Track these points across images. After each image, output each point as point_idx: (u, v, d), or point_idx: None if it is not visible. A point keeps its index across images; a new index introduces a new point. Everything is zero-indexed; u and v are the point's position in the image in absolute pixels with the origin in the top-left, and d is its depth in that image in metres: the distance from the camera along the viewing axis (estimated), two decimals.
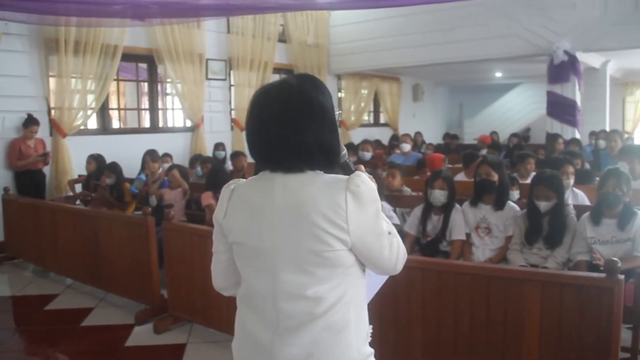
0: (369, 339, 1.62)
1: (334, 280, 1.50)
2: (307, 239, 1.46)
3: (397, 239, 1.61)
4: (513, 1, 9.20)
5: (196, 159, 7.90)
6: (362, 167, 1.63)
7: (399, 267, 1.62)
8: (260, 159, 1.57)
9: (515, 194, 4.93)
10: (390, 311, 3.16)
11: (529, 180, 5.83)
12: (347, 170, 1.62)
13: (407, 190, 5.61)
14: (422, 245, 4.45)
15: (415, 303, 3.07)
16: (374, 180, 1.58)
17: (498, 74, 15.05)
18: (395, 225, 4.53)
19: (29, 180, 7.14)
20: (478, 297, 2.89)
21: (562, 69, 8.78)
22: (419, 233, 4.47)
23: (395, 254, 1.59)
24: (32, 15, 6.69)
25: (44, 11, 6.52)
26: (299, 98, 1.51)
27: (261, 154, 1.56)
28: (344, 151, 1.65)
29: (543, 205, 3.87)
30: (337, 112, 1.59)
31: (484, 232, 4.26)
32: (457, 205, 4.38)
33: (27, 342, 4.45)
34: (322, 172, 1.54)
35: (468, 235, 4.33)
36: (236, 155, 7.08)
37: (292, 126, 1.49)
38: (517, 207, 4.23)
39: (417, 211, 4.54)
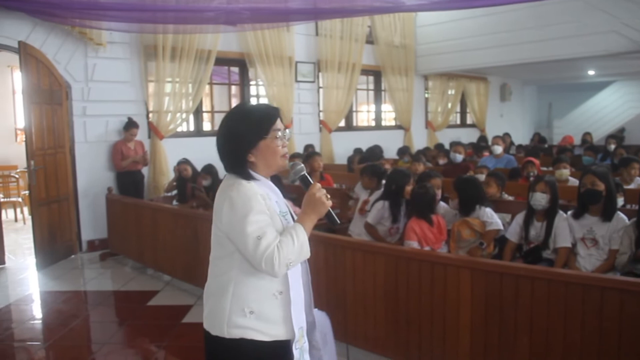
0: None
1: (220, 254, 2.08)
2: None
3: (267, 243, 1.89)
4: None
5: (294, 157, 8.00)
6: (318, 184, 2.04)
7: (265, 267, 1.89)
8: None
9: (619, 200, 4.70)
10: (496, 319, 3.11)
11: (632, 186, 5.57)
12: (305, 184, 2.05)
13: (507, 198, 5.44)
14: (524, 252, 4.33)
15: (522, 311, 3.01)
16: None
17: (591, 72, 14.42)
18: (499, 231, 4.42)
19: (130, 180, 7.50)
20: (590, 308, 2.79)
21: None
22: (520, 240, 4.36)
23: (259, 255, 1.89)
24: (133, 25, 7.04)
25: (144, 20, 6.84)
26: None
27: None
28: (301, 165, 2.09)
29: None
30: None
31: (591, 243, 4.05)
32: (562, 212, 4.20)
33: (132, 335, 4.67)
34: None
35: (573, 244, 4.13)
36: (311, 156, 7.06)
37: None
38: (626, 219, 3.96)
39: (519, 218, 4.42)
